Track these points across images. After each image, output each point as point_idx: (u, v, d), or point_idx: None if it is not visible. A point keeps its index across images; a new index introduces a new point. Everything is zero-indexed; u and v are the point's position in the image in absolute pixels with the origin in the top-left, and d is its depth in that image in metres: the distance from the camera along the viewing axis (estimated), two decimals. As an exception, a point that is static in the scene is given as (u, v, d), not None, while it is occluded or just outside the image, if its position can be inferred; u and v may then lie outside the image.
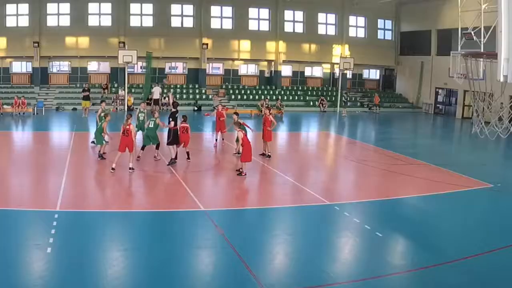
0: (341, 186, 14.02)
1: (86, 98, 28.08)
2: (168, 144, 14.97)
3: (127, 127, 13.53)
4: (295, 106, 34.64)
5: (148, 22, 33.88)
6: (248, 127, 16.08)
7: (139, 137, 15.94)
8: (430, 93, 36.79)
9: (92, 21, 32.70)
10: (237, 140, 15.45)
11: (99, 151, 15.28)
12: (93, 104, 29.01)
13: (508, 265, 8.13)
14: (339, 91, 35.37)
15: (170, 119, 14.91)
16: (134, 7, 33.48)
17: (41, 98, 30.22)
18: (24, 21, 31.29)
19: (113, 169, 13.45)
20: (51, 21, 31.99)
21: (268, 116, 16.30)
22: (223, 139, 18.63)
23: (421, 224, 10.42)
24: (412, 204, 12.04)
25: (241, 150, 13.94)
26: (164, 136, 15.74)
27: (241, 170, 13.77)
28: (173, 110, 15.37)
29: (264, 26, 36.39)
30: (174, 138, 14.77)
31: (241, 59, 36.89)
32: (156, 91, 30.90)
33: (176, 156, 14.72)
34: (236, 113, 16.41)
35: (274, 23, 36.09)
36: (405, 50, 39.40)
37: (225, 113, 18.66)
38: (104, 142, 15.24)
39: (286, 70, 38.21)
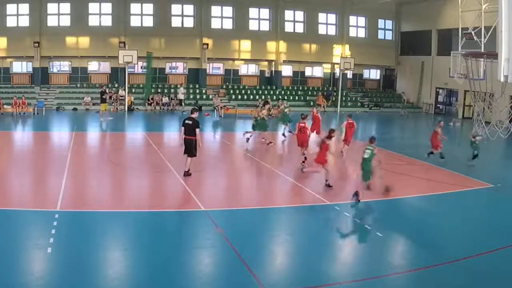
0: (341, 186, 13.99)
1: (104, 100, 25.92)
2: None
3: (302, 125, 14.91)
4: (296, 106, 34.59)
5: (149, 22, 33.89)
6: None
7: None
8: (431, 93, 36.79)
9: (93, 21, 32.71)
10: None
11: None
12: (93, 104, 29.08)
13: (508, 265, 8.13)
14: (340, 91, 35.39)
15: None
16: (135, 7, 33.48)
17: (41, 98, 30.23)
18: (24, 21, 31.31)
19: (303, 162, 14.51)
20: (51, 21, 32.01)
21: None
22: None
23: (421, 224, 10.41)
24: (412, 204, 12.03)
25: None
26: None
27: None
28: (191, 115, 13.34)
29: (265, 26, 36.40)
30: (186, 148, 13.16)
31: (242, 59, 36.88)
32: (180, 91, 31.76)
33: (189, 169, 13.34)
34: None
35: (274, 23, 36.10)
36: (406, 50, 39.39)
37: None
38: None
39: (287, 70, 38.20)
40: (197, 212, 10.33)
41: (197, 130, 12.99)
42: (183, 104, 31.49)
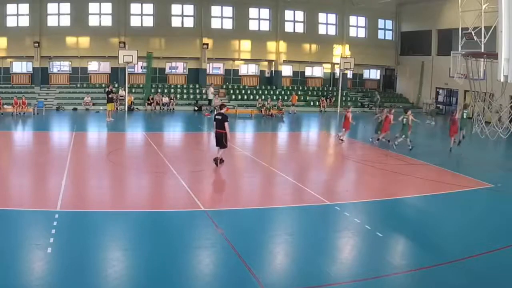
0: (342, 186, 14.01)
1: (111, 100, 25.88)
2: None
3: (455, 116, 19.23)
4: (296, 106, 34.65)
5: (149, 22, 33.93)
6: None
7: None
8: (431, 93, 36.80)
9: (93, 21, 32.75)
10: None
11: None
12: (93, 104, 29.01)
13: (508, 265, 8.12)
14: (340, 91, 35.42)
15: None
16: (135, 7, 33.52)
17: (41, 98, 30.25)
18: (24, 21, 31.34)
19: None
20: (51, 21, 32.05)
21: None
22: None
23: (421, 224, 10.41)
24: (412, 204, 12.03)
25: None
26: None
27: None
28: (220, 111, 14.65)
29: (265, 26, 36.42)
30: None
31: (242, 59, 36.92)
32: (209, 92, 31.81)
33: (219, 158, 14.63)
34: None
35: (274, 23, 36.14)
36: (406, 50, 39.44)
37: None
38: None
39: (287, 70, 38.23)
40: (197, 212, 10.32)
41: (226, 124, 14.21)
42: (212, 104, 31.42)
